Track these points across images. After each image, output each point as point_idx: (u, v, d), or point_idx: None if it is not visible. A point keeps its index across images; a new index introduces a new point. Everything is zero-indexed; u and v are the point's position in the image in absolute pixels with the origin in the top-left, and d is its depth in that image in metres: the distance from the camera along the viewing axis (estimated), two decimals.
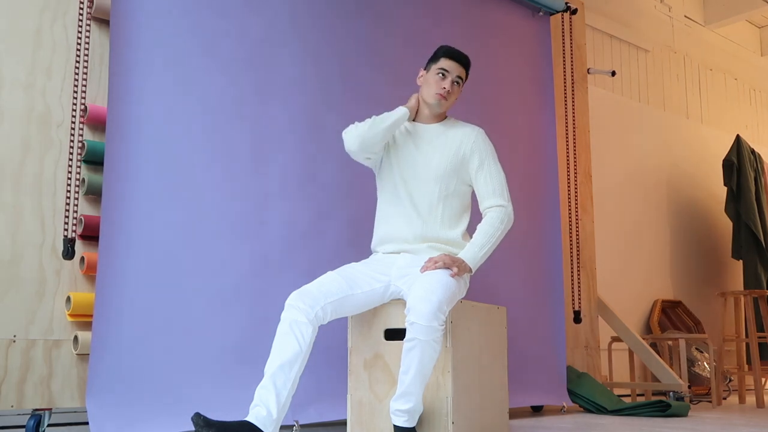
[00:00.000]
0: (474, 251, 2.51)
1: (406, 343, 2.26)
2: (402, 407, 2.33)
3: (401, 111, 2.63)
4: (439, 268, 2.39)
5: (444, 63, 2.64)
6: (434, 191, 2.61)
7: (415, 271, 2.48)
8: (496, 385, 2.76)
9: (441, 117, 2.74)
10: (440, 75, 2.63)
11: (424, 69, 2.71)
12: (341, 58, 3.39)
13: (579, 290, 4.30)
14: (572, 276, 4.31)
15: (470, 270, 2.49)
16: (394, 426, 2.37)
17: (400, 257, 2.59)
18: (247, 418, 2.19)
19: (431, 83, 2.65)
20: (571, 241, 4.35)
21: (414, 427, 2.38)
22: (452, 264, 2.41)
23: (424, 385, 2.32)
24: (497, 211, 2.59)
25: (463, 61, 2.67)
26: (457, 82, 2.66)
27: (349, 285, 2.44)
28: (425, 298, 2.24)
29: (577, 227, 4.37)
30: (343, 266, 2.55)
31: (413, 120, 2.73)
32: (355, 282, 2.46)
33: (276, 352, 2.26)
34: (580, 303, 4.29)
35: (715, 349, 5.08)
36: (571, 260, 4.32)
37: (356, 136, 2.59)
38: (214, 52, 3.00)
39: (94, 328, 2.57)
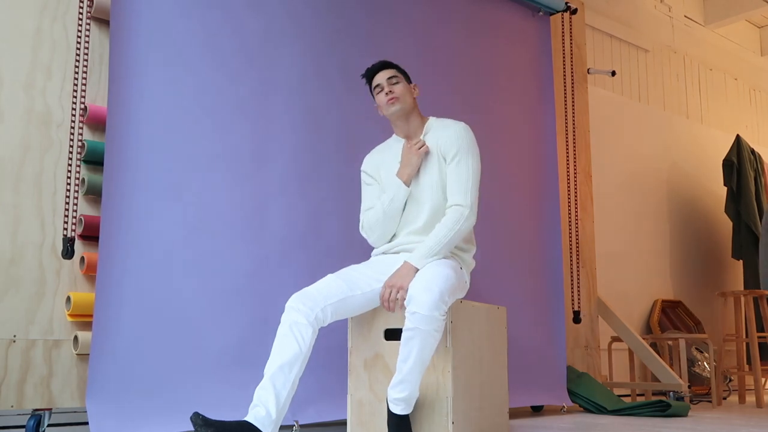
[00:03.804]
0: (421, 254, 2.46)
1: (405, 332, 2.26)
2: (399, 395, 2.34)
3: (402, 189, 2.60)
4: (393, 299, 2.37)
5: (373, 82, 2.68)
6: (432, 203, 2.60)
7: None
8: (496, 385, 2.76)
9: (422, 123, 2.70)
10: (377, 91, 2.67)
11: (375, 103, 2.73)
12: (342, 58, 3.39)
13: (579, 290, 4.30)
14: (572, 276, 4.31)
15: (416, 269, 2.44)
16: (390, 413, 2.38)
17: (400, 257, 2.60)
18: (246, 418, 2.18)
19: (379, 102, 2.67)
20: (570, 241, 4.35)
21: (408, 415, 2.40)
22: (397, 288, 2.38)
23: (422, 373, 2.33)
24: (452, 212, 2.54)
25: (383, 66, 2.69)
26: (394, 82, 2.65)
27: (349, 286, 2.44)
28: (427, 288, 2.24)
29: (577, 227, 4.37)
30: (343, 269, 2.56)
31: (400, 136, 2.72)
32: (355, 283, 2.46)
33: (276, 353, 2.26)
34: (579, 303, 4.29)
35: (715, 349, 5.08)
36: (571, 260, 4.32)
37: (381, 236, 2.66)
38: (214, 51, 3.00)
39: (94, 328, 2.57)
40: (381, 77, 2.67)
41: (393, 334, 2.55)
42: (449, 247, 2.50)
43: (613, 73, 4.88)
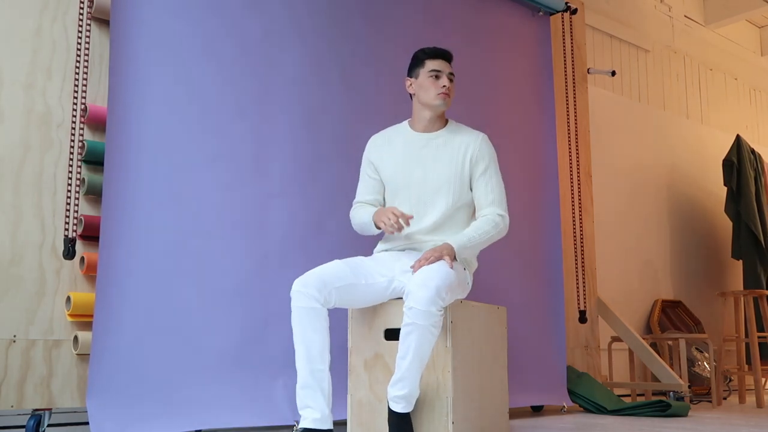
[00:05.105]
0: (462, 241, 2.51)
1: (403, 328, 2.27)
2: (399, 393, 2.33)
3: (373, 228, 2.62)
4: (432, 263, 2.39)
5: (432, 64, 2.64)
6: (446, 204, 2.60)
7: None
8: (496, 385, 2.76)
9: (443, 122, 2.72)
10: (434, 76, 2.62)
11: (410, 77, 2.70)
12: (341, 58, 3.39)
13: (584, 290, 4.30)
14: (576, 276, 4.31)
15: (454, 254, 2.47)
16: (391, 411, 2.37)
17: (404, 254, 2.60)
18: (303, 425, 2.28)
19: (428, 86, 2.63)
20: (575, 241, 4.35)
21: (409, 414, 2.38)
22: (440, 255, 2.41)
23: (421, 370, 2.33)
24: (496, 217, 2.60)
25: (448, 57, 2.68)
26: (452, 79, 2.66)
27: (355, 274, 2.44)
28: (423, 284, 2.26)
29: (581, 227, 4.37)
30: (350, 258, 2.56)
31: (417, 128, 2.70)
32: (361, 273, 2.46)
33: (302, 348, 2.31)
34: (585, 303, 4.29)
35: (715, 349, 5.08)
36: (576, 261, 4.32)
37: (360, 234, 2.77)
38: (215, 52, 3.00)
39: (94, 328, 2.57)
40: (445, 66, 2.65)
41: (393, 334, 2.55)
42: (482, 246, 2.58)
43: (613, 73, 4.88)
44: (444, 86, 2.61)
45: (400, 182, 2.65)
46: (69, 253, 2.70)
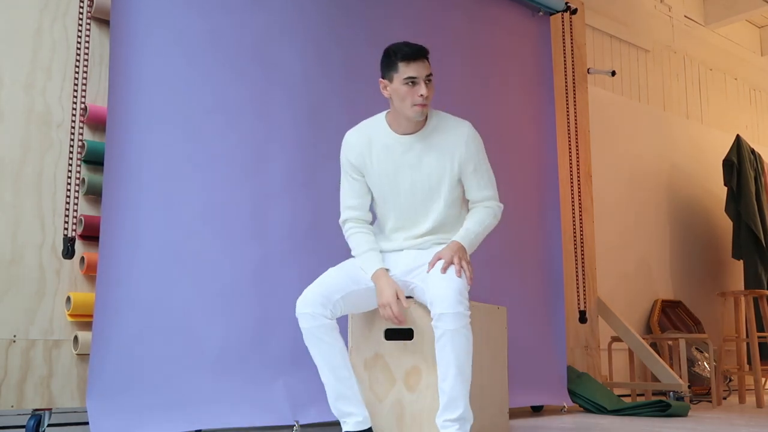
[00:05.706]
0: (470, 238, 2.48)
1: (437, 345, 2.24)
2: (450, 416, 2.24)
3: (368, 277, 2.44)
4: (448, 266, 2.36)
5: (408, 70, 2.35)
6: (438, 209, 2.51)
7: (425, 265, 2.44)
8: (496, 385, 2.76)
9: (423, 120, 2.49)
10: (409, 83, 2.36)
11: (383, 78, 2.43)
12: (344, 57, 3.39)
13: (584, 290, 4.30)
14: (576, 276, 4.31)
15: (466, 252, 2.45)
16: None
17: (403, 254, 2.53)
18: (347, 429, 2.34)
19: (403, 95, 2.36)
20: (575, 241, 4.34)
21: None
22: (457, 257, 2.37)
23: (467, 388, 2.24)
24: (495, 208, 2.57)
25: (423, 55, 2.38)
26: (429, 80, 2.39)
27: (353, 280, 2.43)
28: (444, 285, 2.25)
29: (581, 227, 4.37)
30: (343, 262, 2.53)
31: (397, 131, 2.49)
32: (358, 278, 2.44)
33: (323, 363, 2.34)
34: (585, 303, 4.29)
35: (715, 349, 5.07)
36: (576, 261, 4.32)
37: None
38: (215, 50, 3.00)
39: (94, 329, 2.57)
40: (420, 70, 2.35)
41: (393, 334, 2.55)
42: (483, 237, 2.56)
43: (613, 73, 4.88)
44: (421, 95, 2.35)
45: (387, 191, 2.51)
46: (69, 252, 2.70)
